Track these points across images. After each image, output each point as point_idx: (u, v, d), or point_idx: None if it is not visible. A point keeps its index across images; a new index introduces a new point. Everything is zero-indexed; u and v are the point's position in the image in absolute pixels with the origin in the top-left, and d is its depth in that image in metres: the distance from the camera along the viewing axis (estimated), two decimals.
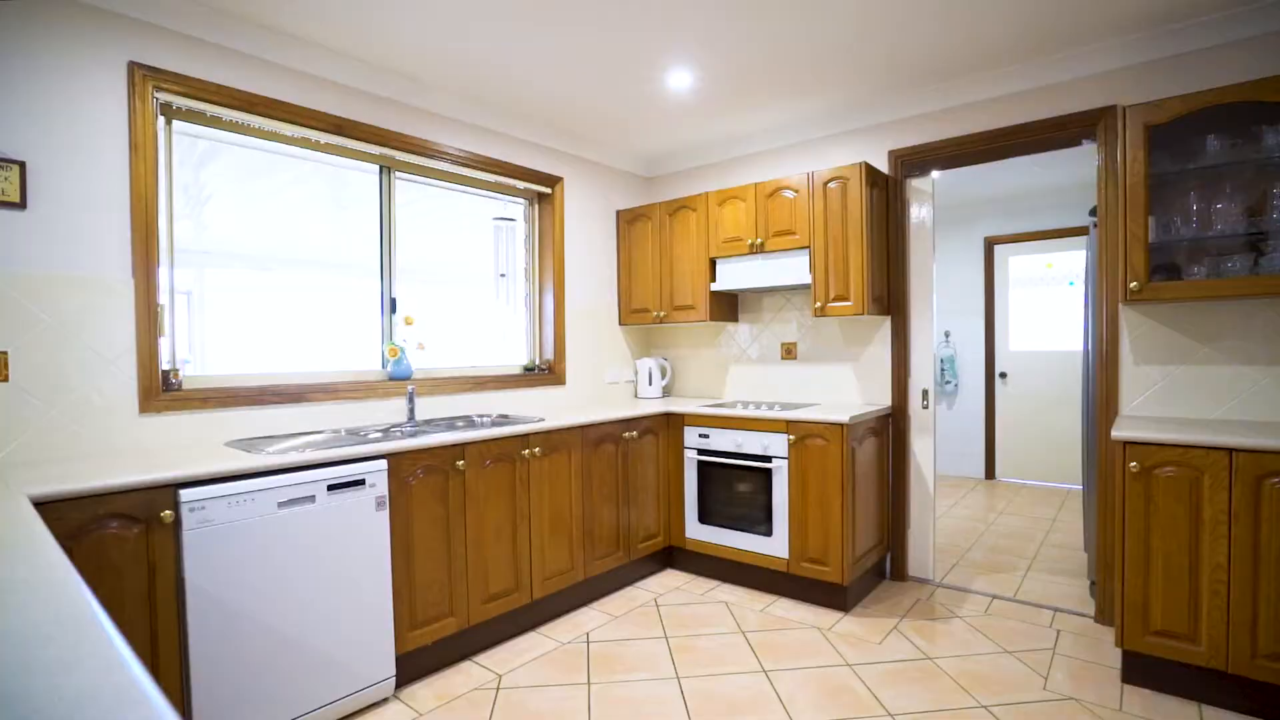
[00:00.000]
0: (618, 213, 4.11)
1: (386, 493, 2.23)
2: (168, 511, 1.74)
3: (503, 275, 3.77)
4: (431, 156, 3.12)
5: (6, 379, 1.95)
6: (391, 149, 2.96)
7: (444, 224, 3.37)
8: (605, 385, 4.04)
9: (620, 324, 4.13)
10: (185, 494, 1.77)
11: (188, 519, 1.78)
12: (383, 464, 2.22)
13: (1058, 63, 2.82)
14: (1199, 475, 2.08)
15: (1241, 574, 2.01)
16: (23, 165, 1.97)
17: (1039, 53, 2.78)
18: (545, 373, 3.71)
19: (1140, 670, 2.25)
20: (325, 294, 2.86)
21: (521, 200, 3.74)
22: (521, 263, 3.78)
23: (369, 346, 3.00)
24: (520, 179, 3.56)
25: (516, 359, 3.71)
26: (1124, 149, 2.44)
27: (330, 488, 2.07)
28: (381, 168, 3.04)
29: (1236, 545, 2.02)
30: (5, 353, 1.95)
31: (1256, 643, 1.99)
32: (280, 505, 1.95)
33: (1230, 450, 2.03)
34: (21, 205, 1.97)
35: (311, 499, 2.03)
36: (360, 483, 2.15)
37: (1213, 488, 2.06)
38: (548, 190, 3.72)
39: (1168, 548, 2.14)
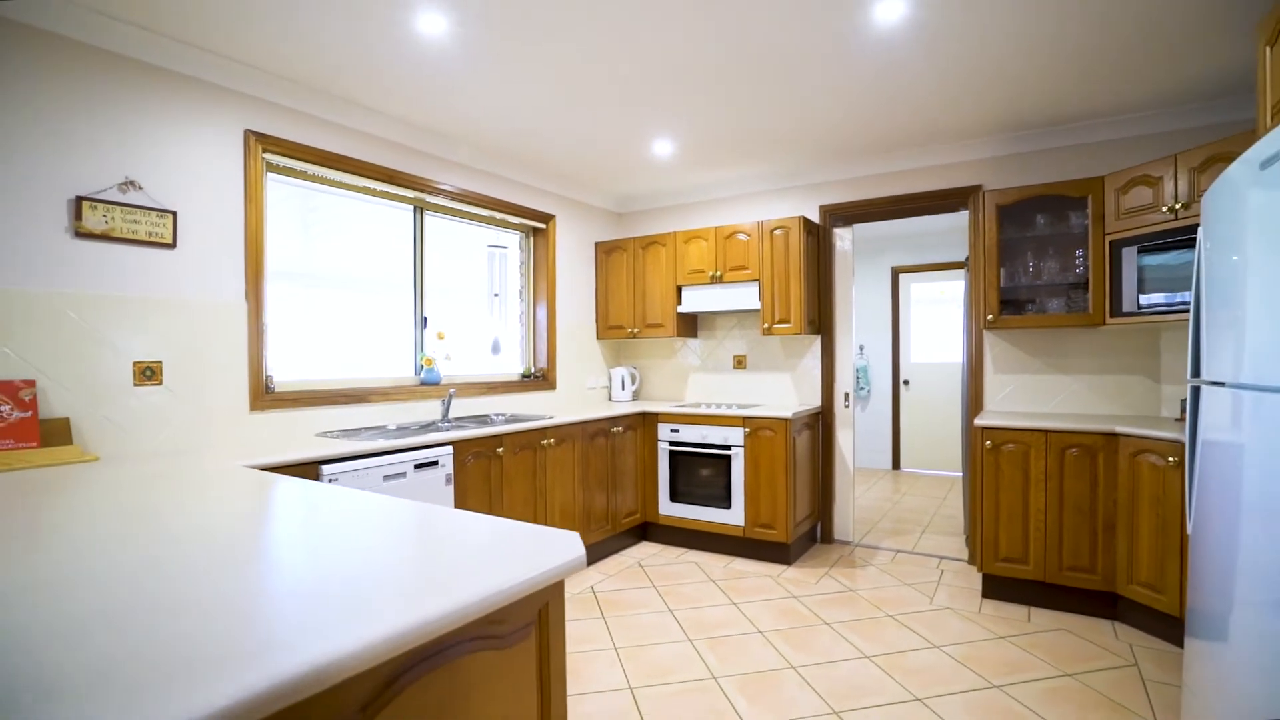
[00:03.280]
0: (596, 244, 4.85)
1: (452, 471, 2.87)
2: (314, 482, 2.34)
3: (496, 295, 4.43)
4: (453, 198, 3.75)
5: (161, 383, 2.47)
6: (424, 193, 3.59)
7: (448, 250, 3.99)
8: (586, 390, 4.75)
9: (597, 338, 4.86)
10: (326, 469, 2.37)
11: None
12: (449, 449, 2.86)
13: (942, 150, 3.80)
14: (1028, 449, 3.06)
15: (1053, 514, 2.99)
16: (175, 214, 2.51)
17: (930, 142, 3.75)
18: (540, 379, 4.39)
19: (994, 587, 3.20)
20: (353, 309, 3.45)
21: (517, 232, 4.41)
22: (515, 285, 4.44)
23: (398, 355, 3.59)
24: (520, 216, 4.23)
25: (513, 367, 4.36)
26: (983, 219, 3.42)
27: (416, 466, 2.70)
28: (415, 208, 3.66)
29: (1050, 495, 2.99)
30: (160, 362, 2.47)
31: (1062, 559, 2.97)
32: (384, 479, 2.57)
33: (1046, 431, 3.01)
34: (173, 246, 2.51)
35: (404, 475, 2.65)
36: (435, 464, 2.79)
37: (1036, 457, 3.03)
38: (542, 226, 4.41)
39: (1009, 500, 3.10)
